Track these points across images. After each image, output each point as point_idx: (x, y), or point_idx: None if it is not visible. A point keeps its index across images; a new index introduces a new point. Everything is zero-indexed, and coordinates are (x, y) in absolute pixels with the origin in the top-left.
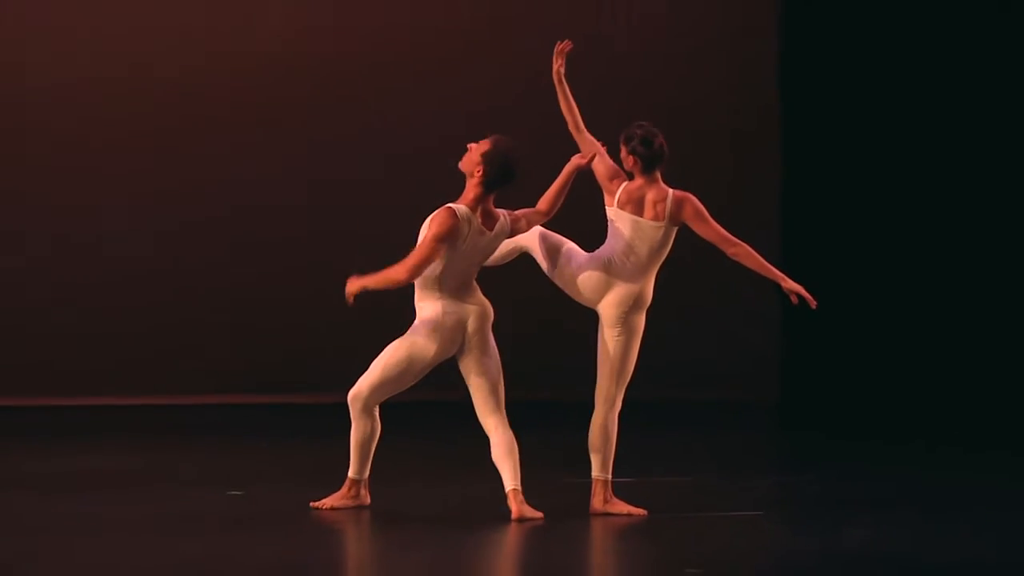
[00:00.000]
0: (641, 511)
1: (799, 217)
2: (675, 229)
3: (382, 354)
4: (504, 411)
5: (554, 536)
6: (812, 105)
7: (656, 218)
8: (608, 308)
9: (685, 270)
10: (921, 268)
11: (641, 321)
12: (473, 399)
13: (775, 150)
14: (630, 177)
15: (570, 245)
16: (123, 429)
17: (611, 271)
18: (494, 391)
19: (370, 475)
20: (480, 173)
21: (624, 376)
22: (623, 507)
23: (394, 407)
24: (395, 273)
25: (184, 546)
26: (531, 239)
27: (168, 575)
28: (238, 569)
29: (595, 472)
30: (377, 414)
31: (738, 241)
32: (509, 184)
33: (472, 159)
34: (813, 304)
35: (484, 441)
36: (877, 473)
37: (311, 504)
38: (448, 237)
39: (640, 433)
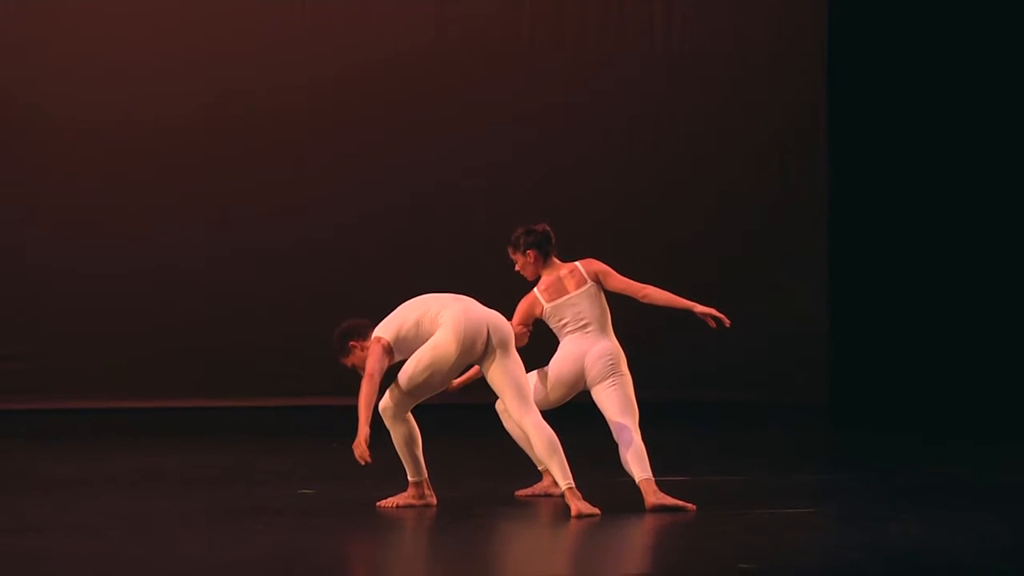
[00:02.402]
0: (691, 505)
1: (847, 218)
2: (599, 288)
3: (407, 363)
4: (536, 409)
5: (610, 533)
6: (860, 111)
7: (579, 285)
8: (593, 368)
9: (734, 275)
10: (968, 267)
11: (627, 370)
12: (507, 405)
13: (822, 158)
14: (536, 281)
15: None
16: (204, 430)
17: (579, 345)
18: (522, 392)
19: (429, 475)
20: (356, 352)
21: (634, 413)
22: (673, 501)
23: (453, 408)
24: (364, 387)
25: (256, 541)
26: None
27: (240, 567)
28: (307, 562)
29: (638, 478)
30: (411, 418)
31: (644, 285)
32: (368, 326)
33: (360, 359)
34: (727, 323)
35: None
36: (925, 471)
37: (377, 504)
38: (381, 341)
39: (693, 434)
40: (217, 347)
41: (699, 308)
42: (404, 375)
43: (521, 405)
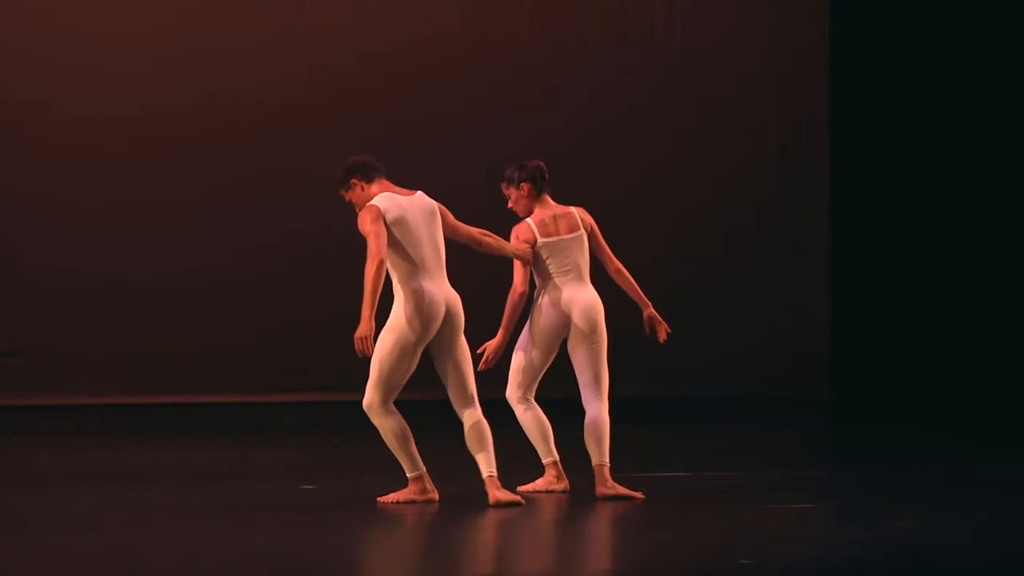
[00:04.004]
0: (639, 494)
1: (848, 213)
2: (587, 237)
3: (374, 353)
4: (476, 400)
5: (609, 528)
6: (861, 107)
7: (572, 230)
8: (580, 319)
9: (735, 271)
10: (969, 263)
11: (605, 329)
12: (449, 392)
13: (824, 154)
14: (529, 214)
15: (518, 351)
16: (204, 426)
17: (561, 293)
18: (467, 384)
19: (431, 471)
20: (355, 190)
21: (605, 380)
22: (623, 490)
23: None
24: (368, 271)
25: (256, 536)
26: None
27: (240, 563)
28: (307, 558)
29: (595, 461)
30: (396, 411)
31: (618, 260)
32: (375, 168)
33: (359, 199)
34: (662, 338)
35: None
36: (925, 466)
37: (378, 500)
38: (380, 214)
39: (692, 430)
40: (218, 344)
41: (650, 311)
42: (374, 366)
43: (463, 394)
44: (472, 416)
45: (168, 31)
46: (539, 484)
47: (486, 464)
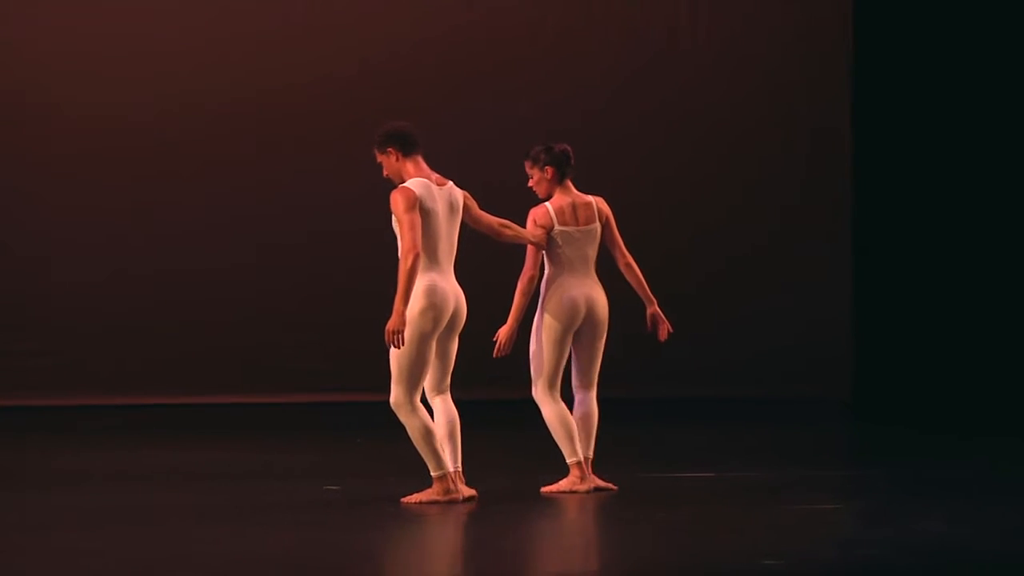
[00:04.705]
0: (612, 486)
1: (871, 212)
2: (601, 230)
3: (391, 352)
4: (449, 390)
5: (631, 528)
6: (885, 107)
7: (588, 221)
8: (592, 315)
9: (757, 270)
10: (992, 261)
11: (607, 319)
12: (429, 377)
13: (847, 153)
14: (548, 197)
15: (534, 351)
16: (229, 427)
17: (571, 285)
18: (447, 375)
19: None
20: (390, 158)
21: (599, 364)
22: (601, 483)
23: (481, 404)
24: (403, 263)
25: (279, 536)
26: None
27: (263, 563)
28: (330, 559)
29: (582, 453)
30: (423, 409)
31: (629, 255)
32: (415, 144)
33: (391, 168)
34: (662, 337)
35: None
36: (950, 466)
37: (401, 500)
38: (417, 202)
39: (715, 430)
40: (242, 344)
41: (654, 308)
42: (395, 363)
43: (443, 381)
44: (444, 404)
45: (170, 33)
46: (563, 485)
47: (453, 458)
